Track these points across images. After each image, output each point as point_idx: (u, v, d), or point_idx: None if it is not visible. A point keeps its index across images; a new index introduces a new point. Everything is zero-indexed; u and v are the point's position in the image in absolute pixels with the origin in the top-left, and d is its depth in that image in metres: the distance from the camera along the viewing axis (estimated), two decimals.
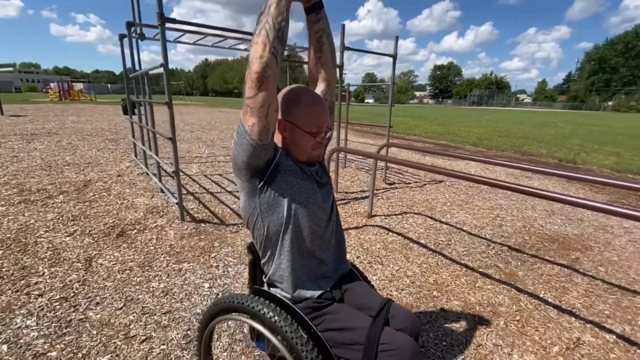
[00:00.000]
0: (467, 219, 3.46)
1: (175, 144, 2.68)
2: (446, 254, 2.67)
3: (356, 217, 3.38)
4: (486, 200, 4.13)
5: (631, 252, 2.85)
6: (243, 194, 1.02)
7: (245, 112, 0.89)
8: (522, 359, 1.62)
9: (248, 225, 1.05)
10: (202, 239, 2.70)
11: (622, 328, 1.86)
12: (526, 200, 4.20)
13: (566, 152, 8.67)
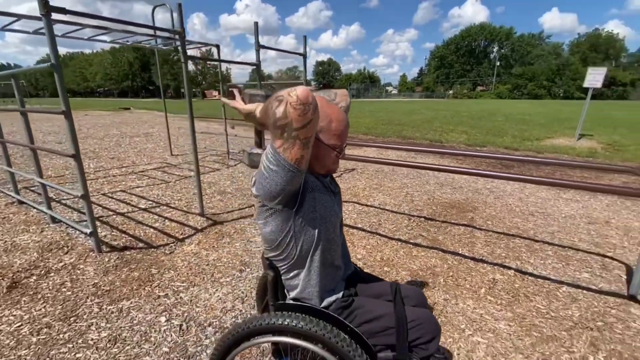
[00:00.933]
0: (386, 200, 3.95)
1: (80, 161, 2.18)
2: (382, 233, 3.02)
3: None
4: (394, 181, 4.77)
5: (501, 207, 3.80)
6: (272, 220, 0.97)
7: (292, 145, 0.83)
8: (465, 304, 2.02)
9: (275, 248, 1.02)
10: (133, 269, 2.31)
11: (515, 264, 2.51)
12: (421, 176, 5.02)
13: (433, 134, 10.58)
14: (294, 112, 0.79)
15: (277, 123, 0.82)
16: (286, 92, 0.80)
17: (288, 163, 0.85)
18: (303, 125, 0.80)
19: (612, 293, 2.12)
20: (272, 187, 0.89)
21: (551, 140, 8.82)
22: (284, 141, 0.83)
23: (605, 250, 2.75)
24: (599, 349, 1.63)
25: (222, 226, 3.10)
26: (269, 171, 0.88)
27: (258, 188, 0.94)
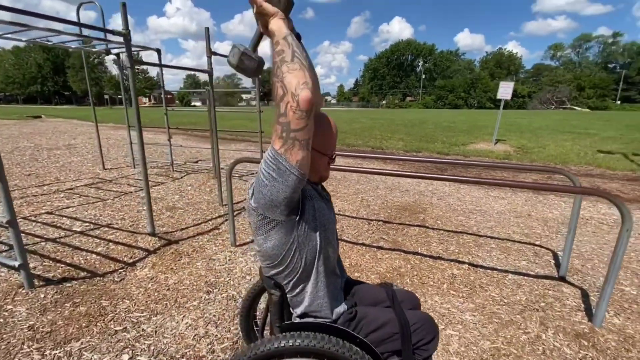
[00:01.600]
0: (345, 206, 4.06)
1: (6, 182, 1.82)
2: (346, 239, 3.08)
3: None
4: (348, 188, 4.92)
5: (445, 207, 4.17)
6: (275, 233, 0.93)
7: (292, 146, 0.80)
8: (433, 301, 2.16)
9: (279, 264, 0.97)
10: (78, 304, 1.99)
11: (467, 258, 2.77)
12: (371, 182, 5.27)
13: (374, 141, 11.19)
14: (292, 115, 0.77)
15: (279, 118, 0.79)
16: (292, 87, 0.75)
17: (290, 165, 0.81)
18: (301, 128, 0.79)
19: (547, 276, 2.47)
20: (275, 195, 0.85)
21: (474, 145, 9.96)
22: (284, 142, 0.80)
23: (533, 239, 3.19)
24: (547, 327, 1.89)
25: (178, 245, 2.85)
26: (270, 178, 0.84)
27: (258, 198, 0.88)
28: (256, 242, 0.99)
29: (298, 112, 0.76)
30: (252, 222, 0.97)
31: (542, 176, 5.95)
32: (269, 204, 0.87)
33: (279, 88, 0.78)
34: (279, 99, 0.78)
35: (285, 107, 0.77)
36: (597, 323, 1.87)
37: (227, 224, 3.35)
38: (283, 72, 0.78)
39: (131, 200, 4.00)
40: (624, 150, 8.70)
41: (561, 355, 1.67)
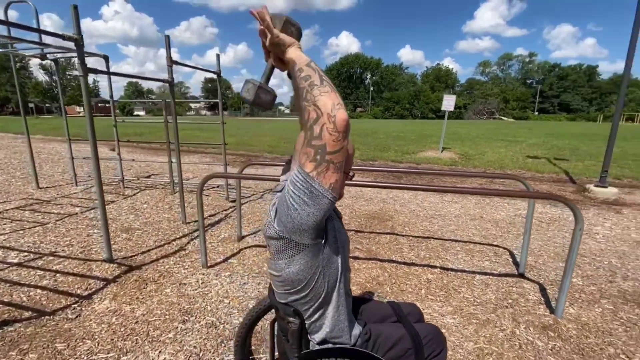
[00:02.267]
0: None
1: None
2: None
3: (227, 244, 3.16)
4: None
5: (409, 213, 4.37)
6: (301, 257, 0.88)
7: (326, 169, 0.77)
8: None
9: (302, 289, 0.93)
10: (27, 350, 1.69)
11: (438, 262, 2.92)
12: None
13: None
14: (329, 137, 0.75)
15: (312, 142, 0.76)
16: (327, 109, 0.74)
17: (323, 189, 0.78)
18: (336, 150, 0.77)
19: (509, 274, 2.70)
20: (305, 219, 0.81)
21: (423, 153, 10.64)
22: (317, 164, 0.77)
23: (491, 240, 3.48)
24: (519, 322, 2.05)
25: (141, 271, 2.59)
26: (301, 202, 0.80)
27: (285, 222, 0.84)
28: (275, 266, 0.93)
29: (335, 133, 0.75)
30: (272, 246, 0.92)
31: (486, 181, 6.54)
32: (298, 228, 0.83)
33: (311, 111, 0.75)
34: (313, 122, 0.75)
35: (320, 130, 0.74)
36: (559, 314, 2.08)
37: (193, 244, 3.14)
38: (315, 95, 0.76)
39: (78, 222, 3.55)
40: (547, 156, 9.94)
41: (535, 348, 1.82)
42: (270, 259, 0.96)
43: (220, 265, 2.73)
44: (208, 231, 3.46)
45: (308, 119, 0.76)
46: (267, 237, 0.92)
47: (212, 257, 2.87)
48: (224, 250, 3.04)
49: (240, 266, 2.73)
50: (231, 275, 2.57)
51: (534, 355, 1.76)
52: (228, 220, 3.85)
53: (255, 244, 3.20)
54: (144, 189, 5.13)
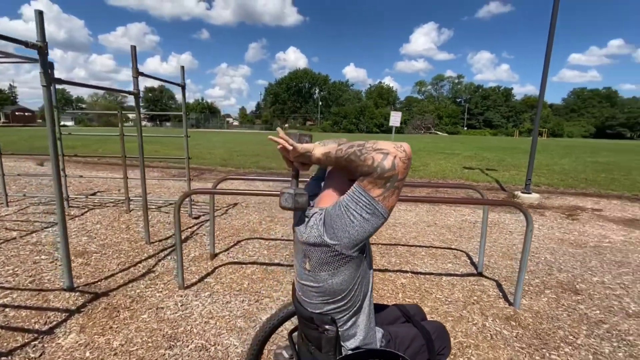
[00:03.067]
0: (287, 230, 4.06)
1: None
2: None
3: (200, 263, 3.02)
4: (283, 211, 4.93)
5: None
6: (346, 269, 0.95)
7: (391, 194, 0.88)
8: None
9: (342, 298, 0.99)
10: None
11: (408, 267, 3.15)
12: None
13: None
14: (402, 165, 0.85)
15: (384, 174, 0.85)
16: (392, 146, 0.86)
17: (385, 211, 0.88)
18: (405, 177, 0.88)
19: (470, 274, 3.02)
20: (361, 234, 0.90)
21: None
22: (385, 190, 0.87)
23: (449, 244, 3.84)
24: (487, 316, 2.31)
25: (110, 298, 2.37)
26: (361, 219, 0.88)
27: (340, 236, 0.91)
28: (315, 278, 0.98)
29: (407, 160, 0.86)
30: (314, 257, 0.97)
31: (432, 190, 7.16)
32: (353, 242, 0.91)
33: (376, 155, 0.85)
34: (381, 160, 0.84)
35: (392, 162, 0.84)
36: (517, 305, 2.40)
37: (162, 266, 2.95)
38: (371, 145, 0.87)
39: (19, 248, 3.10)
40: (480, 167, 11.20)
41: (503, 337, 2.08)
42: (306, 271, 1.00)
43: (197, 286, 2.62)
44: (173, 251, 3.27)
45: (373, 161, 0.85)
46: (310, 251, 0.97)
47: (187, 277, 2.73)
48: (197, 269, 2.91)
49: (219, 285, 2.65)
50: (211, 295, 2.48)
51: (504, 344, 2.01)
52: (195, 238, 3.68)
53: (230, 261, 3.12)
54: (92, 208, 4.65)
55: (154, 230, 3.82)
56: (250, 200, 5.54)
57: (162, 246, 3.40)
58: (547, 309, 2.42)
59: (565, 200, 6.57)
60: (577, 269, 3.18)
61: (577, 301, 2.55)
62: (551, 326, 2.21)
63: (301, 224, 1.05)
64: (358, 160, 0.88)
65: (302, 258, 1.02)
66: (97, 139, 17.89)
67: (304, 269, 1.02)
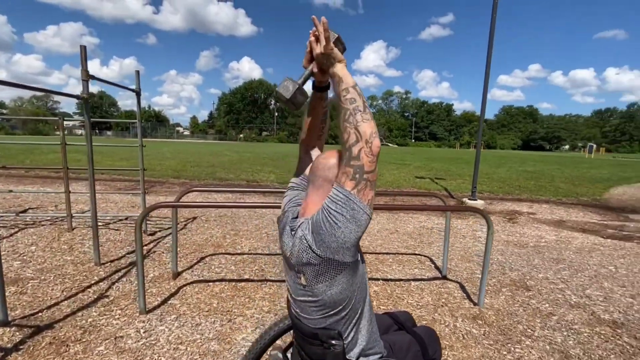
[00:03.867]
0: (254, 244, 3.92)
1: None
2: (270, 279, 3.00)
3: (161, 283, 2.78)
4: (247, 224, 4.76)
5: None
6: (343, 276, 0.92)
7: (364, 187, 0.86)
8: None
9: (343, 308, 0.96)
10: None
11: (379, 275, 3.21)
12: (264, 216, 5.28)
13: (246, 174, 11.22)
14: (366, 159, 0.85)
15: (350, 161, 0.85)
16: (367, 135, 0.85)
17: (363, 205, 0.86)
18: (372, 170, 0.87)
19: (436, 278, 3.17)
20: (348, 237, 0.87)
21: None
22: (357, 183, 0.86)
23: (412, 250, 4.01)
24: (456, 317, 2.44)
25: (55, 330, 2.06)
26: (343, 220, 0.86)
27: (327, 242, 0.87)
28: (313, 291, 0.95)
29: (370, 156, 0.85)
30: (309, 272, 0.93)
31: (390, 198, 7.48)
32: (342, 246, 0.88)
33: (352, 134, 0.85)
34: (352, 144, 0.85)
35: (358, 152, 0.84)
36: (481, 304, 2.57)
37: (117, 289, 2.66)
38: (358, 121, 0.86)
39: None
40: (430, 176, 11.98)
41: (473, 335, 2.21)
42: (303, 287, 0.97)
43: (161, 309, 2.39)
44: (132, 271, 2.98)
45: (347, 139, 0.85)
46: (302, 264, 0.93)
47: (148, 300, 2.49)
48: (159, 291, 2.66)
49: (185, 306, 2.45)
50: (178, 318, 2.28)
51: (474, 342, 2.13)
52: (153, 257, 3.38)
53: (195, 279, 2.91)
54: (24, 227, 4.05)
55: (104, 249, 3.44)
56: (210, 213, 5.26)
57: (115, 267, 3.06)
58: (505, 306, 2.63)
59: (505, 206, 7.26)
60: (524, 267, 3.51)
61: (529, 297, 2.81)
62: (512, 322, 2.39)
63: (287, 236, 1.02)
64: (341, 123, 0.88)
65: (295, 274, 0.98)
66: (23, 149, 15.79)
67: (298, 284, 0.98)
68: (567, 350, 2.05)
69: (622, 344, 2.12)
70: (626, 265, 3.68)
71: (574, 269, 3.49)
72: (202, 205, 3.20)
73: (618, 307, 2.64)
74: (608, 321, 2.41)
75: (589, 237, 4.90)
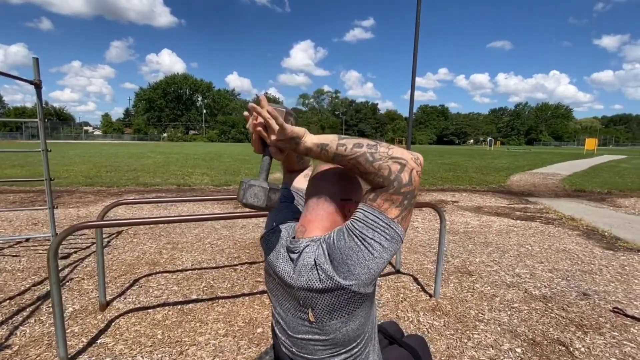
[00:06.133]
0: (198, 257, 3.52)
1: None
2: (224, 295, 2.71)
3: (85, 319, 2.27)
4: (184, 235, 4.28)
5: None
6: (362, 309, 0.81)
7: (408, 213, 0.76)
8: None
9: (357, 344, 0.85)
10: None
11: None
12: (203, 223, 4.85)
13: (176, 178, 10.27)
14: (418, 180, 0.74)
15: (401, 189, 0.73)
16: (409, 156, 0.74)
17: (402, 233, 0.76)
18: (416, 194, 0.77)
19: (390, 272, 3.24)
20: (380, 267, 0.75)
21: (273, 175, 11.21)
22: (403, 209, 0.75)
23: None
24: (417, 311, 2.51)
25: None
26: (380, 249, 0.74)
27: (357, 274, 0.74)
28: (325, 329, 0.80)
29: (421, 175, 0.76)
30: (323, 305, 0.78)
31: None
32: (372, 277, 0.76)
33: (392, 165, 0.73)
34: (398, 172, 0.72)
35: (409, 175, 0.73)
36: (437, 295, 2.69)
37: (22, 335, 2.10)
38: (385, 151, 0.74)
39: None
40: None
41: (435, 328, 2.29)
42: (308, 323, 0.82)
43: (88, 352, 1.94)
44: (41, 308, 2.38)
45: (389, 174, 0.73)
46: (312, 297, 0.78)
47: (70, 343, 2.00)
48: (83, 329, 2.17)
49: (121, 344, 2.04)
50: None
51: (438, 334, 2.21)
52: (69, 285, 2.79)
53: (130, 308, 2.47)
54: None
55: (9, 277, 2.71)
56: (138, 226, 4.60)
57: (17, 305, 2.42)
58: (456, 294, 2.81)
59: (432, 196, 7.96)
60: (463, 253, 3.84)
61: (473, 282, 3.06)
62: (464, 308, 2.56)
63: (285, 261, 0.85)
64: (370, 167, 0.74)
65: (299, 307, 0.82)
66: None
67: (302, 320, 0.83)
68: (515, 329, 2.26)
69: (555, 317, 2.43)
70: (537, 242, 4.29)
71: (500, 251, 3.94)
72: (136, 223, 2.74)
73: (543, 282, 3.04)
74: (539, 297, 2.75)
75: (503, 219, 5.62)
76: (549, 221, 5.50)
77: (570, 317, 2.43)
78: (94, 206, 6.02)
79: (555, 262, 3.55)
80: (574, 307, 2.58)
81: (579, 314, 2.47)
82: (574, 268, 3.40)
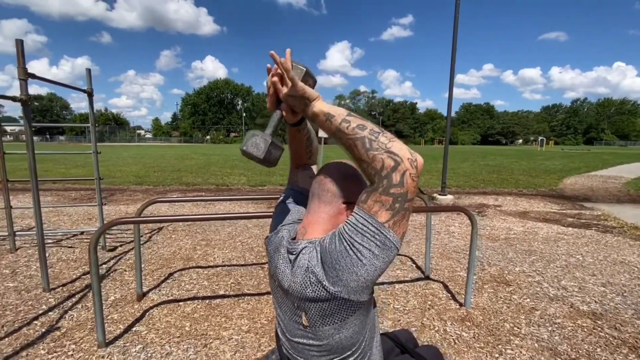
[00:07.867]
0: (228, 255, 3.66)
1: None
2: (250, 292, 2.79)
3: (124, 307, 2.47)
4: (218, 233, 4.47)
5: None
6: (356, 317, 0.78)
7: (401, 218, 0.71)
8: None
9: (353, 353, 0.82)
10: None
11: None
12: (236, 221, 5.01)
13: (215, 178, 10.76)
14: (411, 184, 0.69)
15: (390, 190, 0.68)
16: (407, 155, 0.68)
17: (396, 240, 0.71)
18: (414, 196, 0.71)
19: (419, 279, 3.12)
20: (372, 274, 0.71)
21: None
22: (394, 214, 0.70)
23: None
24: (445, 320, 2.38)
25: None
26: (370, 256, 0.70)
27: (345, 281, 0.71)
28: (317, 334, 0.78)
29: (416, 178, 0.70)
30: (315, 310, 0.77)
31: None
32: (363, 285, 0.73)
33: (386, 160, 0.68)
34: (391, 170, 0.68)
35: (401, 176, 0.68)
36: (468, 305, 2.54)
37: (70, 318, 2.33)
38: (384, 143, 0.69)
39: None
40: None
41: (464, 339, 2.15)
42: (303, 327, 0.81)
43: (124, 339, 2.10)
44: (88, 295, 2.63)
45: (382, 168, 0.68)
46: (305, 300, 0.77)
47: (108, 329, 2.18)
48: (121, 317, 2.36)
49: (153, 333, 2.18)
50: (145, 349, 2.01)
51: (466, 346, 2.08)
52: (114, 276, 3.03)
53: (164, 299, 2.63)
54: None
55: (55, 272, 3.03)
56: (179, 223, 4.89)
57: (68, 292, 2.69)
58: (490, 304, 2.62)
59: (472, 199, 7.52)
60: (501, 261, 3.57)
61: (510, 292, 2.84)
62: (498, 320, 2.38)
63: (284, 262, 0.84)
64: (364, 154, 0.70)
65: (294, 310, 0.81)
66: None
67: (297, 324, 0.81)
68: (555, 347, 2.06)
69: (605, 336, 2.17)
70: (591, 253, 3.87)
71: (545, 260, 3.61)
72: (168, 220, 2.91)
73: (593, 297, 2.73)
74: (587, 313, 2.47)
75: (552, 226, 5.14)
76: (607, 229, 4.93)
77: (624, 337, 2.15)
78: (140, 203, 6.52)
79: (610, 275, 3.18)
80: (629, 326, 2.28)
81: (634, 335, 2.18)
82: (632, 283, 3.02)
